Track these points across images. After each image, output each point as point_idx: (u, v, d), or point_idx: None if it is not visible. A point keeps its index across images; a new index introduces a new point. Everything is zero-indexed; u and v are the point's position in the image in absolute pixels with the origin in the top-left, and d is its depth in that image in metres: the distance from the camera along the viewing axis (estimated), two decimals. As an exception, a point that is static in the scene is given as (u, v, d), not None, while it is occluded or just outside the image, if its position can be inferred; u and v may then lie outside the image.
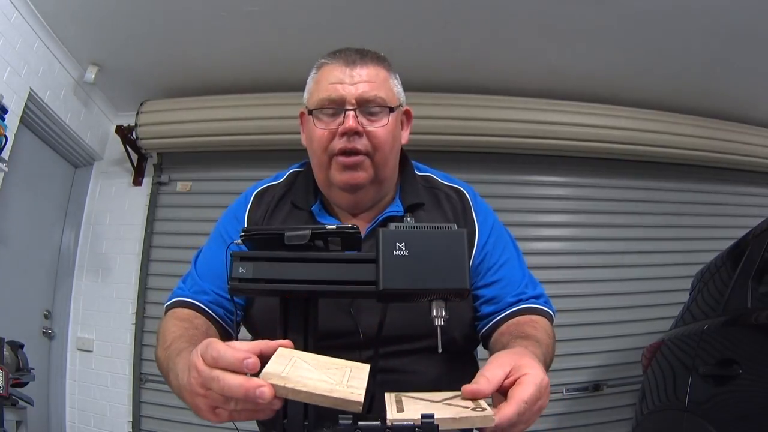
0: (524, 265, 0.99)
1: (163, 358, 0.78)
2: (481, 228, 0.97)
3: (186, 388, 0.60)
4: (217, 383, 0.54)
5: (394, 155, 0.95)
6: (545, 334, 0.85)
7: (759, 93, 3.04)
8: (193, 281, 0.94)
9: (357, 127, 0.88)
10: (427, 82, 2.85)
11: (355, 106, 0.89)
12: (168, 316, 0.90)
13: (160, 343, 0.81)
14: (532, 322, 0.88)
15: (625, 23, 2.43)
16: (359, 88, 0.90)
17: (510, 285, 0.93)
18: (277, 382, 0.54)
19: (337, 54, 0.94)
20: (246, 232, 0.72)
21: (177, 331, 0.82)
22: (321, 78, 0.93)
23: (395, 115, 0.94)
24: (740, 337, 1.72)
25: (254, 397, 0.52)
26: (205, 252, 0.98)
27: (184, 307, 0.91)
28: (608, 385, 2.95)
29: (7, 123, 2.23)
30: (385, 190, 0.97)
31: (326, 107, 0.90)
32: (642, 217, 3.23)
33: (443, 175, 1.05)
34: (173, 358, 0.72)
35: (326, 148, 0.90)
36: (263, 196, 1.00)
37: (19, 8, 2.27)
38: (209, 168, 3.16)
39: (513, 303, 0.91)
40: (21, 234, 2.65)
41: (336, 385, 0.56)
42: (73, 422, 2.88)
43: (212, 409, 0.58)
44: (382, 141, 0.90)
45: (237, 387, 0.53)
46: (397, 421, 0.55)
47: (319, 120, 0.91)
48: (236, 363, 0.54)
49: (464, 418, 0.56)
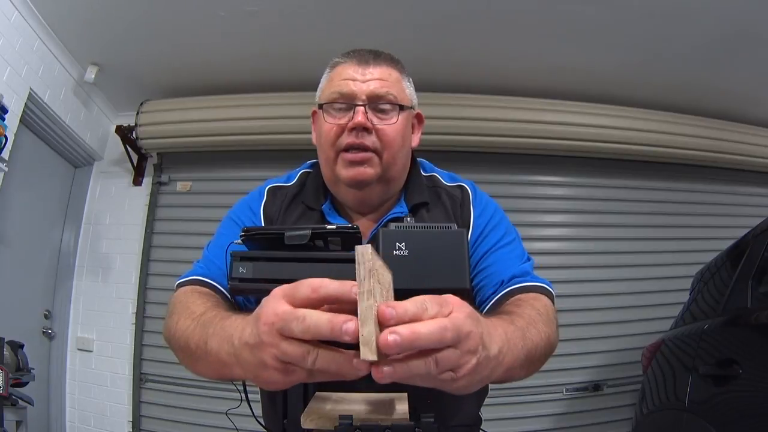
0: (524, 251, 0.95)
1: (191, 329, 0.69)
2: (477, 220, 0.96)
3: (249, 343, 0.52)
4: (302, 322, 0.47)
5: (403, 155, 0.95)
6: (532, 309, 0.75)
7: (759, 92, 3.04)
8: (208, 264, 0.90)
9: (366, 123, 0.88)
10: (427, 82, 2.84)
11: (365, 102, 0.89)
12: (185, 290, 0.84)
13: (182, 314, 0.74)
14: (519, 300, 0.79)
15: (625, 23, 2.43)
16: (371, 85, 0.90)
17: (505, 265, 0.88)
18: (322, 416, 0.56)
19: (351, 53, 0.94)
20: (246, 232, 0.72)
21: (207, 302, 0.77)
22: (334, 75, 0.93)
23: (406, 114, 0.94)
24: (740, 337, 1.72)
25: (340, 333, 0.45)
26: (218, 238, 0.95)
27: (202, 286, 0.86)
28: (608, 385, 2.95)
29: (7, 123, 2.23)
30: (393, 190, 0.97)
31: (337, 102, 0.90)
32: (641, 217, 3.23)
33: (448, 176, 1.05)
34: (216, 323, 0.64)
35: (334, 143, 0.90)
36: (276, 193, 0.99)
37: (19, 8, 2.27)
38: (209, 168, 3.16)
39: (509, 279, 0.85)
40: (21, 234, 2.65)
41: (380, 411, 0.58)
42: (73, 422, 2.88)
43: (283, 366, 0.50)
44: (390, 139, 0.90)
45: (325, 323, 0.46)
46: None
47: (329, 114, 0.91)
48: (346, 293, 0.48)
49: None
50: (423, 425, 0.58)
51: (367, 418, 0.56)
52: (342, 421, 0.55)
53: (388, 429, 0.55)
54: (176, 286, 0.88)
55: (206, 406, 2.76)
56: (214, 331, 0.62)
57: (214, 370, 0.62)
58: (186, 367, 0.71)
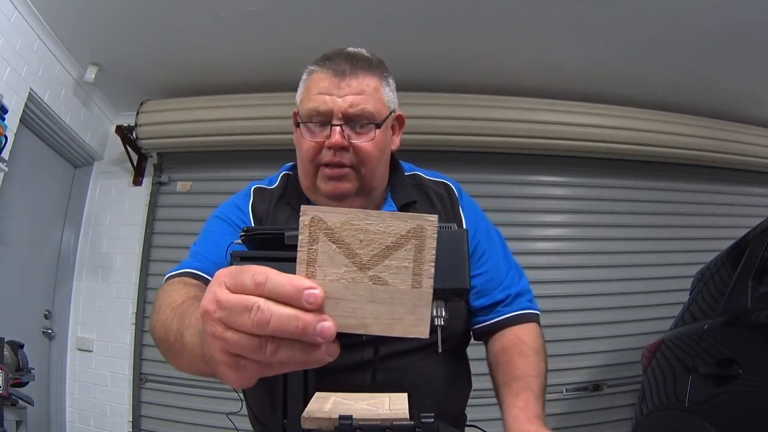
0: (509, 254, 1.03)
1: (169, 320, 0.64)
2: (468, 221, 1.00)
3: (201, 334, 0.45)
4: (257, 315, 0.35)
5: (382, 165, 0.96)
6: (535, 355, 0.90)
7: (759, 92, 3.04)
8: (197, 257, 0.90)
9: (342, 143, 0.88)
10: (427, 81, 2.85)
11: (341, 121, 0.89)
12: (171, 282, 0.82)
13: (165, 305, 0.69)
14: (521, 344, 0.92)
15: (625, 23, 2.43)
16: (347, 100, 0.89)
17: (497, 276, 0.97)
18: (322, 416, 0.55)
19: (327, 62, 0.92)
20: (246, 232, 0.72)
21: (190, 292, 0.74)
22: (310, 86, 0.92)
23: (385, 125, 0.93)
24: (740, 337, 1.72)
25: (313, 333, 0.35)
26: (206, 235, 0.95)
27: (190, 278, 0.85)
28: (608, 385, 2.95)
29: (7, 123, 2.23)
30: (374, 199, 0.98)
31: (313, 121, 0.90)
32: (641, 217, 3.23)
33: (426, 171, 1.07)
34: (191, 312, 0.57)
35: (313, 159, 0.91)
36: (263, 193, 1.00)
37: (19, 8, 2.27)
38: (209, 168, 3.16)
39: (503, 301, 0.96)
40: (21, 234, 2.65)
41: (380, 411, 0.58)
42: (73, 422, 2.88)
43: (232, 360, 0.38)
44: (368, 155, 0.91)
45: (287, 316, 0.35)
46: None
47: (307, 130, 0.91)
48: (294, 293, 0.35)
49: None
50: (423, 425, 0.58)
51: (367, 418, 0.56)
52: (342, 421, 0.55)
53: (388, 429, 0.55)
54: (165, 280, 0.87)
55: (206, 406, 2.76)
56: (189, 322, 0.55)
57: (194, 365, 0.54)
58: (169, 363, 0.64)
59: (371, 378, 0.85)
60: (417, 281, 0.37)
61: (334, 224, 0.37)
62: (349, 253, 0.37)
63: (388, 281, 0.37)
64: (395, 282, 0.37)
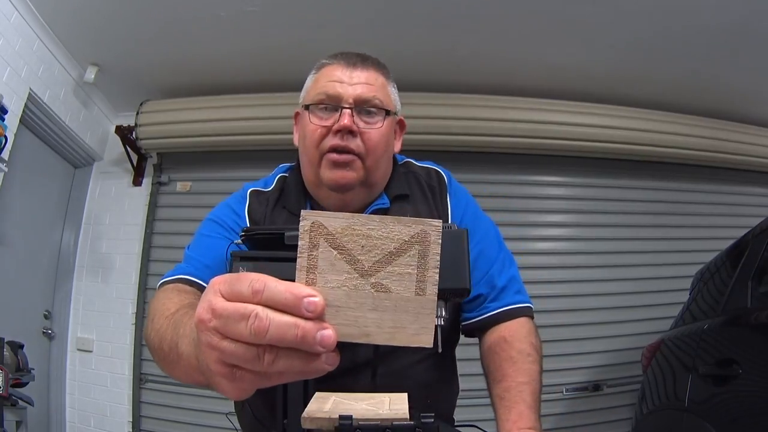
0: (502, 242, 1.00)
1: (164, 328, 0.63)
2: (454, 210, 0.98)
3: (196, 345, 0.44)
4: (255, 322, 0.34)
5: (385, 160, 0.96)
6: (524, 357, 0.86)
7: (759, 92, 3.04)
8: (191, 261, 0.89)
9: (352, 126, 0.88)
10: (427, 81, 2.85)
11: (352, 105, 0.89)
12: (165, 289, 0.81)
13: (158, 314, 0.68)
14: (508, 348, 0.88)
15: (625, 23, 2.43)
16: (357, 88, 0.90)
17: (482, 264, 0.94)
18: (322, 416, 0.55)
19: (338, 56, 0.94)
20: (246, 232, 0.72)
21: (185, 299, 0.73)
22: (320, 77, 0.94)
23: (390, 120, 0.94)
24: (740, 337, 1.72)
25: (313, 342, 0.34)
26: (200, 239, 0.94)
27: (184, 284, 0.84)
28: (608, 385, 2.95)
29: (7, 123, 2.23)
30: (374, 194, 0.98)
31: (323, 103, 0.90)
32: (641, 217, 3.23)
33: (420, 162, 1.07)
34: (185, 321, 0.56)
35: (318, 144, 0.90)
36: (259, 196, 0.99)
37: (19, 8, 2.27)
38: (209, 168, 3.16)
39: (488, 295, 0.93)
40: (21, 234, 2.65)
41: (380, 411, 0.58)
42: (73, 422, 2.88)
43: (228, 371, 0.37)
44: (375, 143, 0.90)
45: (286, 325, 0.34)
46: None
47: (315, 115, 0.91)
48: (293, 301, 0.34)
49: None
50: (423, 425, 0.58)
51: (367, 418, 0.56)
52: (342, 421, 0.55)
53: (388, 429, 0.55)
54: (158, 286, 0.86)
55: (206, 407, 2.76)
56: (184, 332, 0.54)
57: (189, 376, 0.52)
58: (164, 372, 0.62)
59: (371, 378, 0.86)
60: (421, 288, 0.36)
61: (335, 229, 0.36)
62: (351, 259, 0.36)
63: (391, 288, 0.36)
64: (398, 289, 0.36)
